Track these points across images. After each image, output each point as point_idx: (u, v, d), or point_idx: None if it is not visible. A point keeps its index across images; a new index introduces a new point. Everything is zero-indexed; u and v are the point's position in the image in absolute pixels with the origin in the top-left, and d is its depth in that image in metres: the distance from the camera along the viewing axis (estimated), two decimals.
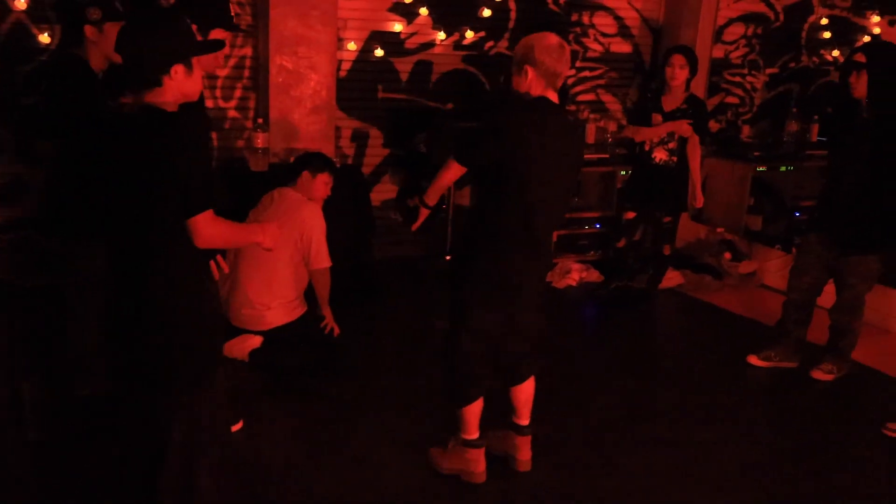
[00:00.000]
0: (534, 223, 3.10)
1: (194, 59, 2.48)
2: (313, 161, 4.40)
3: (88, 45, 3.48)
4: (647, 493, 3.40)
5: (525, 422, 3.43)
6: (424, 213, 3.29)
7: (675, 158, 5.26)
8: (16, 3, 4.86)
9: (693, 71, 5.18)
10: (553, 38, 3.06)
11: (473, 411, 3.27)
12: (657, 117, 5.25)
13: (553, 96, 3.09)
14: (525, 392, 3.40)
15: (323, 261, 4.23)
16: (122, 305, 2.53)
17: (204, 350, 2.57)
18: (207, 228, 2.40)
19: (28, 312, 4.69)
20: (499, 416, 3.45)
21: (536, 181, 3.04)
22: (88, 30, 3.45)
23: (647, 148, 5.34)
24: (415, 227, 3.32)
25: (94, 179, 3.33)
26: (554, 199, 3.14)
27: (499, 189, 3.08)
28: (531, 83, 3.05)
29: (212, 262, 3.08)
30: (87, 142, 3.45)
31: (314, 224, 4.21)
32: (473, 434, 3.30)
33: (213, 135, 5.35)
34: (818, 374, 4.46)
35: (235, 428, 3.62)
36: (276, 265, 4.15)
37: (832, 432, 4.01)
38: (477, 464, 3.32)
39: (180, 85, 2.44)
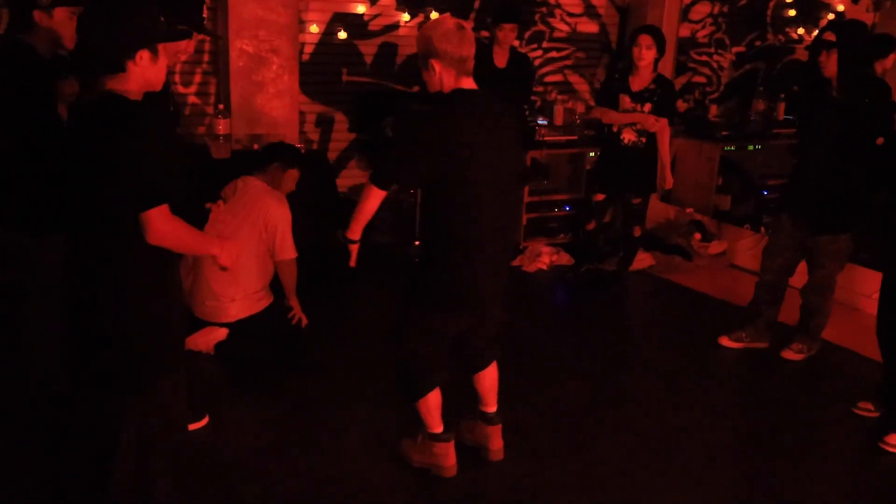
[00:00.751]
0: (481, 224, 2.94)
1: (160, 47, 2.37)
2: (285, 154, 4.28)
3: (37, 31, 3.33)
4: (620, 478, 3.37)
5: (492, 409, 3.38)
6: (354, 249, 3.07)
7: (643, 139, 5.21)
8: None
9: (661, 51, 5.13)
10: (449, 22, 2.88)
11: (429, 405, 3.20)
12: (625, 98, 5.20)
13: (468, 83, 2.91)
14: (489, 378, 3.34)
15: (288, 252, 4.13)
16: (75, 302, 2.43)
17: (157, 352, 2.46)
18: (160, 224, 2.27)
19: None
20: (468, 407, 3.40)
21: (473, 184, 2.89)
22: (37, 15, 3.30)
23: (615, 129, 5.29)
24: (352, 263, 3.10)
25: (48, 171, 3.22)
26: (499, 194, 2.97)
27: (437, 199, 2.95)
28: (441, 76, 2.88)
29: None
30: (37, 132, 3.33)
31: (279, 214, 4.11)
32: (437, 428, 3.24)
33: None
34: (788, 355, 4.47)
35: (201, 424, 3.53)
36: (240, 257, 4.03)
37: (803, 413, 4.01)
38: (446, 458, 3.26)
39: (144, 72, 2.34)
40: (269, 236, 4.10)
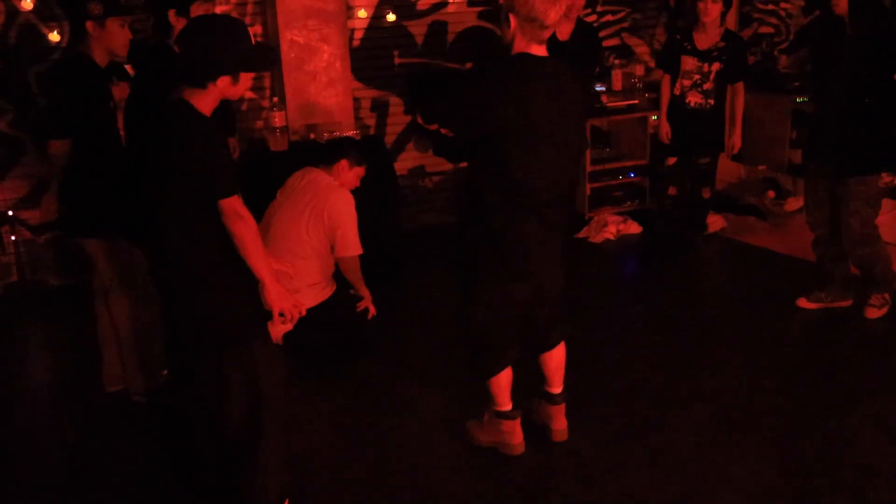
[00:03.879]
0: (534, 193, 2.85)
1: (242, 76, 2.55)
2: (353, 152, 4.27)
3: (91, 41, 3.44)
4: (692, 450, 3.28)
5: (557, 389, 3.32)
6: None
7: (711, 101, 5.03)
8: (22, 3, 4.83)
9: (727, 3, 4.92)
10: None
11: (500, 383, 3.17)
12: (689, 60, 5.02)
13: (538, 50, 2.80)
14: (555, 359, 3.28)
15: (352, 249, 4.12)
16: (168, 280, 2.65)
17: (244, 311, 2.67)
18: (239, 209, 2.51)
19: (56, 312, 4.77)
20: (532, 385, 3.35)
21: (526, 152, 2.78)
22: (90, 25, 3.41)
23: (677, 92, 5.11)
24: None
25: (113, 177, 3.34)
26: (554, 160, 2.86)
27: (487, 165, 2.87)
28: (514, 35, 2.77)
29: None
30: (100, 139, 3.45)
31: (344, 210, 4.09)
32: (506, 405, 3.21)
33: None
34: (871, 313, 4.26)
35: None
36: (303, 252, 4.07)
37: (888, 375, 3.81)
38: (513, 435, 3.23)
39: (223, 91, 2.55)
40: (330, 232, 4.11)
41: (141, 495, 3.15)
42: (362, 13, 5.63)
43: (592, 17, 6.29)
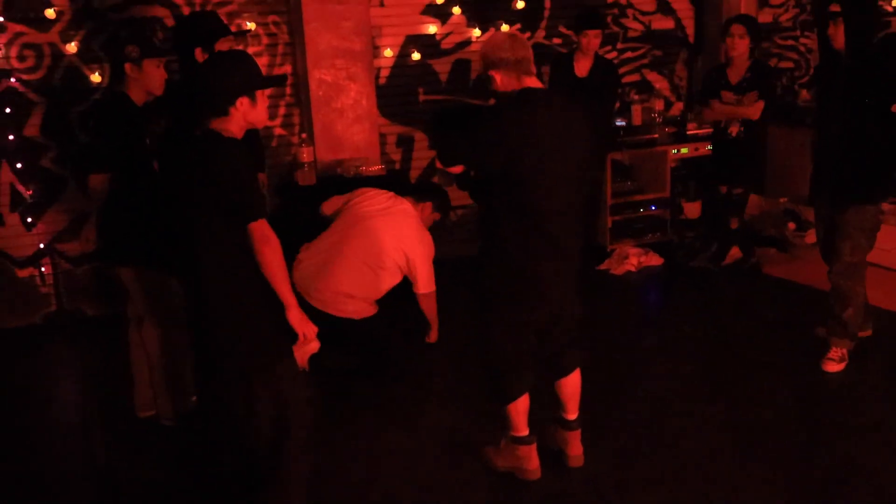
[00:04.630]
0: (547, 223, 2.99)
1: (259, 93, 2.75)
2: (440, 199, 4.60)
3: (129, 82, 3.64)
4: (706, 476, 3.33)
5: (572, 416, 3.39)
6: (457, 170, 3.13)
7: (742, 128, 5.18)
8: (67, 48, 5.09)
9: (754, 39, 5.05)
10: (498, 35, 3.07)
11: (518, 408, 3.24)
12: (726, 94, 5.18)
13: (533, 82, 2.99)
14: (570, 385, 3.36)
15: (430, 286, 4.35)
16: (197, 306, 2.79)
17: (270, 337, 2.79)
18: (266, 233, 2.65)
19: (92, 340, 4.94)
20: (547, 410, 3.44)
21: (535, 176, 2.93)
22: (128, 67, 3.61)
23: (721, 125, 5.33)
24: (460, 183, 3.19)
25: (149, 209, 3.52)
26: (563, 189, 3.00)
27: (500, 197, 3.00)
28: (503, 83, 2.98)
29: None
30: (137, 174, 3.64)
31: (429, 251, 4.36)
32: (523, 431, 3.28)
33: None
34: (830, 366, 4.13)
35: None
36: (381, 264, 4.25)
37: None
38: (529, 461, 3.31)
39: (245, 114, 2.73)
40: (411, 265, 4.30)
41: None
42: (388, 52, 5.84)
43: (613, 54, 6.44)
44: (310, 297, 4.13)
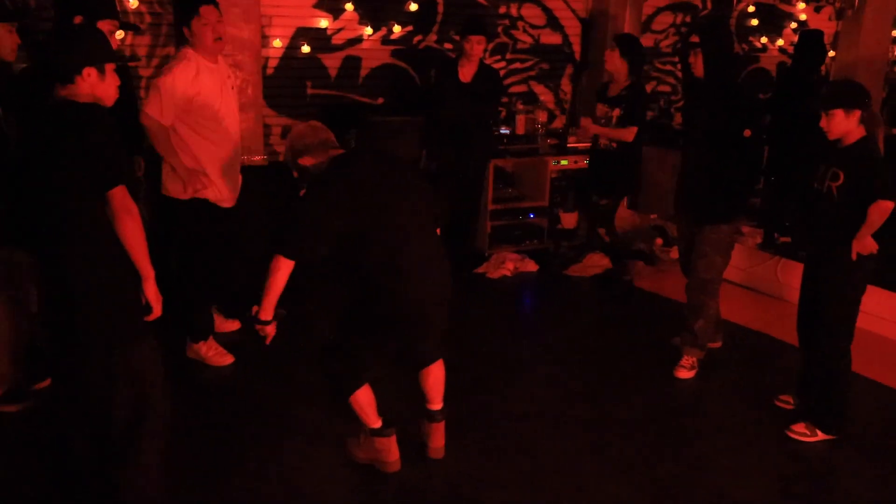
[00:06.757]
0: (403, 265, 3.10)
1: (108, 69, 2.73)
2: None
3: None
4: (561, 474, 3.45)
5: (435, 406, 3.45)
6: (269, 331, 3.11)
7: (614, 144, 5.40)
8: None
9: (632, 59, 5.23)
10: (298, 127, 3.32)
11: (360, 402, 3.28)
12: (599, 106, 5.41)
13: (337, 152, 3.23)
14: (433, 375, 3.42)
15: None
16: (50, 281, 2.72)
17: (132, 312, 2.74)
18: (124, 201, 2.60)
19: None
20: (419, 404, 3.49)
21: (387, 230, 3.08)
22: None
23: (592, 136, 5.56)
24: (267, 342, 3.16)
25: (9, 178, 3.35)
26: (416, 234, 3.16)
27: (356, 253, 3.11)
28: (317, 166, 3.18)
29: None
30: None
31: None
32: (375, 423, 3.32)
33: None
34: (681, 373, 4.37)
35: None
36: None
37: (736, 406, 4.10)
38: (388, 453, 3.34)
39: (93, 87, 2.69)
40: None
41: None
42: (277, 43, 5.78)
43: (501, 64, 6.59)
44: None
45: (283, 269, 3.01)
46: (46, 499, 3.09)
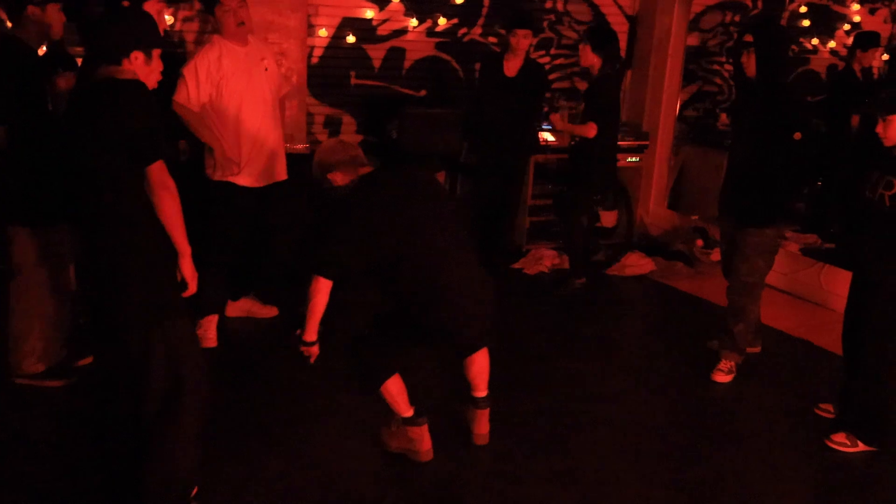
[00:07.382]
0: (442, 279, 3.14)
1: (155, 55, 2.78)
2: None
3: (27, 25, 3.52)
4: (593, 474, 3.43)
5: (480, 394, 3.46)
6: (313, 351, 3.22)
7: (577, 138, 5.39)
8: None
9: (602, 54, 5.13)
10: (328, 142, 3.46)
11: (391, 392, 3.29)
12: (562, 102, 5.62)
13: (367, 170, 3.27)
14: (477, 364, 3.43)
15: None
16: (91, 258, 2.77)
17: (170, 291, 2.77)
18: (162, 176, 2.64)
19: None
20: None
21: (424, 246, 3.12)
22: (31, 9, 3.50)
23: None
24: (312, 361, 3.26)
25: (46, 163, 3.41)
26: (451, 248, 3.19)
27: (393, 271, 3.15)
28: (343, 179, 3.24)
29: None
30: (33, 124, 3.51)
31: None
32: (407, 412, 3.33)
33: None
34: (719, 377, 4.30)
35: None
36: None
37: (772, 413, 4.03)
38: (420, 442, 3.35)
39: (139, 70, 2.73)
40: None
41: (51, 474, 3.19)
42: (323, 32, 5.81)
43: (546, 59, 6.55)
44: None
45: (322, 290, 3.09)
46: (88, 471, 3.16)
